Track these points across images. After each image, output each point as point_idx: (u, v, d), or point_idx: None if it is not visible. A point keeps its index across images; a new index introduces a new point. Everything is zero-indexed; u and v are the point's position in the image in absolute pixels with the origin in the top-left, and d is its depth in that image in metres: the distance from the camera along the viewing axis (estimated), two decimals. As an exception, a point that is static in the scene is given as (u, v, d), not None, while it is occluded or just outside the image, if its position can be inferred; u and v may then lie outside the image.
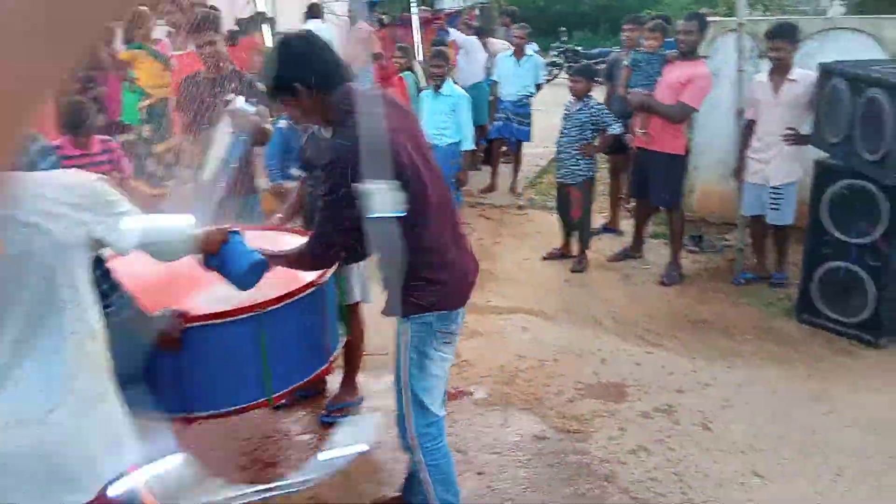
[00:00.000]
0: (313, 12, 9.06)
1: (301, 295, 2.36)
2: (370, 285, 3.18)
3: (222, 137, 3.40)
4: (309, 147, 3.00)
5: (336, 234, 2.12)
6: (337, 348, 2.72)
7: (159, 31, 6.35)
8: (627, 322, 4.25)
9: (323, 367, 2.56)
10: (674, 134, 4.76)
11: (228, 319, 2.21)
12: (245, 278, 2.11)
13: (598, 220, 5.96)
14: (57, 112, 4.05)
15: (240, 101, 3.39)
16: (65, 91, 5.41)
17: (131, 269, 2.10)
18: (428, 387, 2.33)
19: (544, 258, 5.30)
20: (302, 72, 2.01)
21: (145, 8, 6.00)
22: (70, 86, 5.56)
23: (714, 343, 4.00)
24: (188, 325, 2.14)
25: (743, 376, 3.64)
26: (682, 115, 4.70)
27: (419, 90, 5.99)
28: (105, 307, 1.80)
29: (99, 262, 1.77)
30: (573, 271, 5.03)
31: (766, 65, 4.62)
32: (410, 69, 6.21)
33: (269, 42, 7.91)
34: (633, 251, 5.25)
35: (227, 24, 7.93)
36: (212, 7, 7.68)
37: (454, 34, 7.73)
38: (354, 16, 8.40)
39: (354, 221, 2.02)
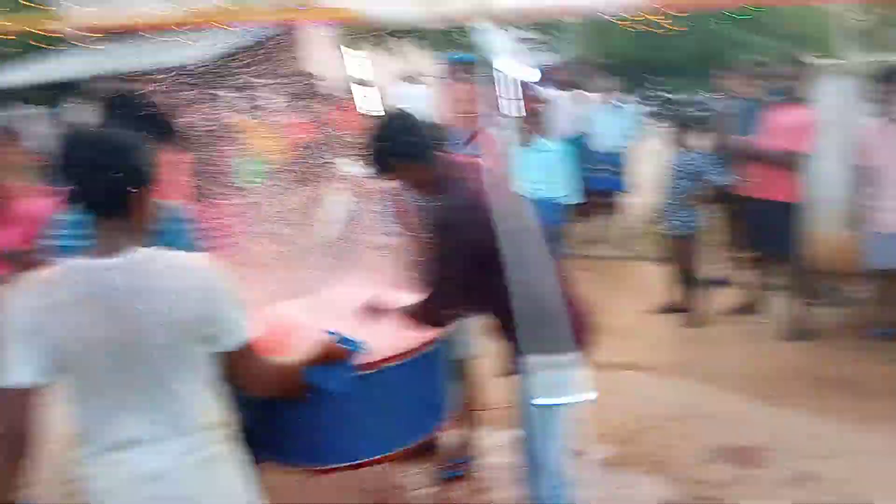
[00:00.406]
0: (408, 75, 9.43)
1: (422, 352, 2.37)
2: (481, 340, 3.15)
3: (332, 200, 3.53)
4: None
5: (444, 296, 2.12)
6: (454, 404, 2.69)
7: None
8: (752, 380, 4.01)
9: (441, 424, 2.54)
10: (784, 181, 4.55)
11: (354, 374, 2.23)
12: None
13: (712, 271, 5.74)
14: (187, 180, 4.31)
15: (347, 164, 3.52)
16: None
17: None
18: (553, 446, 2.27)
19: (656, 312, 5.13)
20: (401, 148, 2.12)
21: (262, 80, 6.40)
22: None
23: (853, 404, 3.69)
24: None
25: (892, 443, 3.33)
26: (789, 161, 4.50)
27: (511, 146, 6.03)
28: None
29: None
30: (688, 326, 4.83)
31: (875, 107, 4.38)
32: (500, 126, 6.27)
33: (365, 104, 8.24)
34: (752, 304, 5.00)
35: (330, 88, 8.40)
36: (309, 74, 8.14)
37: (541, 90, 7.82)
38: (449, 75, 8.61)
39: (461, 282, 2.12)
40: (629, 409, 3.76)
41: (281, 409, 2.25)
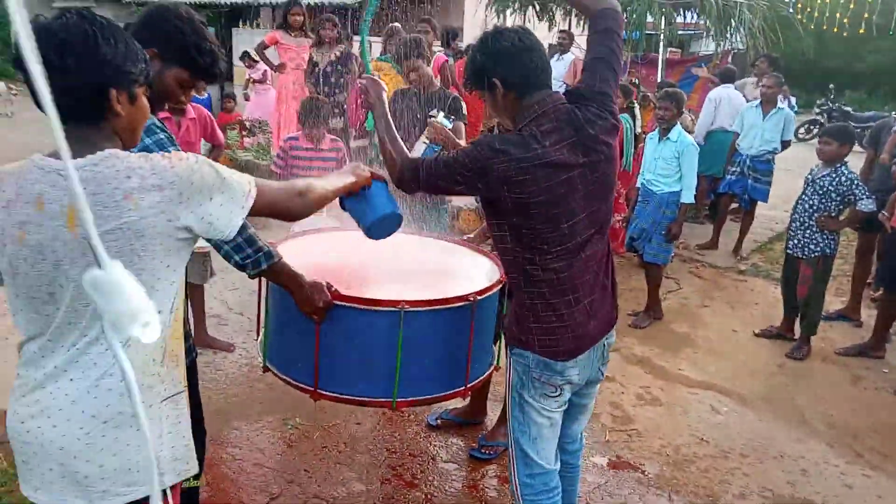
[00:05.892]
0: (557, 42, 9.13)
1: (449, 306, 2.25)
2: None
3: (418, 146, 3.50)
4: None
5: (429, 183, 1.99)
6: (483, 375, 2.55)
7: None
8: (845, 432, 3.54)
9: (459, 389, 2.40)
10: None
11: (370, 308, 2.18)
12: (376, 226, 2.08)
13: (835, 304, 5.14)
14: (299, 108, 4.47)
15: (440, 116, 3.46)
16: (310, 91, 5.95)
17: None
18: (531, 435, 2.07)
19: (757, 334, 4.67)
20: (502, 68, 1.92)
21: (398, 25, 6.42)
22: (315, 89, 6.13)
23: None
24: (334, 301, 2.13)
25: None
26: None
27: (635, 134, 5.67)
28: (243, 258, 1.90)
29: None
30: (789, 357, 4.35)
31: None
32: (629, 110, 5.89)
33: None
34: (872, 349, 4.41)
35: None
36: (454, 29, 8.06)
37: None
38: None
39: (448, 192, 2.07)
40: (694, 431, 3.46)
41: (294, 321, 2.22)
